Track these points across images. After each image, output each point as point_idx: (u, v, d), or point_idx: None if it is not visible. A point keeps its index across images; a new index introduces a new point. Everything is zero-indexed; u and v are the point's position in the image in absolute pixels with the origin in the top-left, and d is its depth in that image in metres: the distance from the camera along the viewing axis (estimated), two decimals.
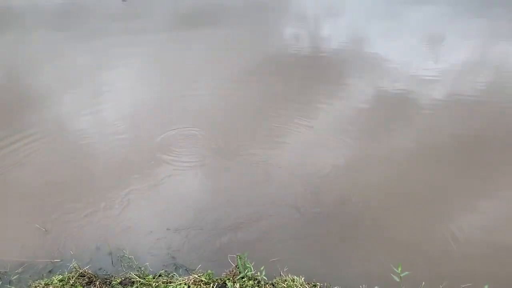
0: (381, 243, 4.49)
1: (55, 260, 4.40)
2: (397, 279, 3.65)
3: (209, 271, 3.99)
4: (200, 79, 8.11)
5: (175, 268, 4.29)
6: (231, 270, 4.01)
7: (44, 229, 4.77)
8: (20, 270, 4.31)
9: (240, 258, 3.99)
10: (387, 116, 6.72)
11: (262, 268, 3.88)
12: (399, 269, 3.68)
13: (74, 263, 4.19)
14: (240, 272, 3.92)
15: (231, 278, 3.92)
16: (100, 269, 4.31)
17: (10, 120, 7.12)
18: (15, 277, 4.23)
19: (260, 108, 7.08)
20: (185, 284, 3.87)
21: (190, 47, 9.77)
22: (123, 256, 4.41)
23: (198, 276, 3.96)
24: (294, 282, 3.93)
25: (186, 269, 4.27)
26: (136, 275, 4.07)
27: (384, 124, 6.52)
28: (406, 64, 8.24)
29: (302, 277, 3.95)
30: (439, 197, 5.06)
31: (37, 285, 4.01)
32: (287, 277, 3.99)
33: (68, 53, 9.90)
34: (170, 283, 3.93)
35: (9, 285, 4.12)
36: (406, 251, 4.40)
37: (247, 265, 3.93)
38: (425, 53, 8.83)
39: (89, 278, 4.10)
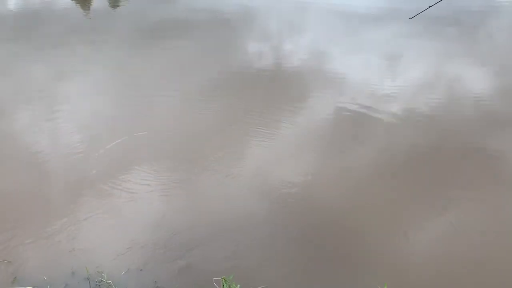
0: (344, 256, 4.61)
1: (28, 287, 4.16)
2: None
3: None
4: (160, 94, 7.99)
5: None
6: None
7: (6, 261, 4.47)
8: None
9: (225, 281, 3.95)
10: (346, 131, 6.93)
11: None
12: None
13: None
14: None
15: None
16: None
17: None
18: None
19: (222, 123, 7.07)
20: None
21: (151, 61, 9.63)
22: (101, 281, 4.24)
23: None
24: None
25: None
26: None
27: (343, 139, 6.72)
28: (365, 81, 8.53)
29: None
30: (395, 208, 5.26)
31: None
32: None
33: (24, 65, 9.43)
34: None
35: None
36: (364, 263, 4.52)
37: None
38: (383, 71, 9.17)
39: None
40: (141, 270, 4.39)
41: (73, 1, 14.64)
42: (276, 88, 8.48)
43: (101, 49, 10.16)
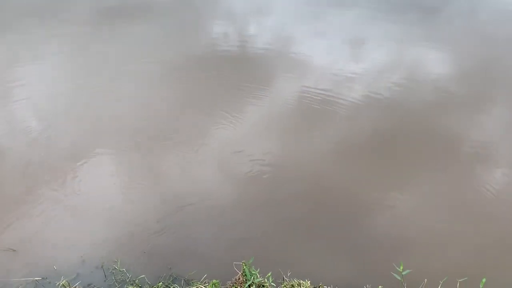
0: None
1: (37, 278, 4.00)
2: (399, 278, 3.83)
3: (215, 281, 3.86)
4: (121, 76, 7.78)
5: (172, 279, 4.10)
6: (237, 278, 3.92)
7: (12, 249, 4.29)
8: None
9: (245, 265, 3.92)
10: (310, 114, 6.97)
11: (269, 274, 3.84)
12: (401, 267, 3.86)
13: (63, 281, 3.84)
14: (247, 280, 3.85)
15: (238, 287, 3.84)
16: (89, 285, 3.99)
17: None
18: None
19: (185, 105, 6.99)
20: None
21: (112, 42, 9.30)
22: (114, 268, 4.12)
23: (204, 286, 3.83)
24: (300, 286, 3.96)
25: (184, 280, 4.10)
26: None
27: (308, 121, 6.77)
28: (329, 64, 8.58)
29: (308, 280, 3.99)
30: (359, 188, 5.37)
31: None
32: (293, 281, 4.00)
33: None
34: None
35: None
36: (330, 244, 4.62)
37: (253, 272, 3.88)
38: (347, 54, 9.23)
39: None
40: (154, 256, 4.30)
41: None
42: (240, 70, 8.45)
43: (60, 33, 9.72)
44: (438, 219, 4.97)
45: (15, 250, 4.27)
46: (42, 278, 4.00)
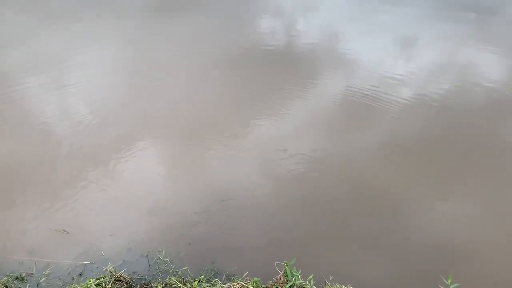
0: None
1: (85, 262, 4.16)
2: None
3: (256, 279, 3.86)
4: (171, 68, 7.93)
5: (214, 273, 4.14)
6: (278, 278, 3.90)
7: (64, 231, 4.48)
8: (47, 272, 4.05)
9: (287, 265, 3.89)
10: (355, 114, 6.82)
11: (311, 277, 3.80)
12: (449, 280, 3.70)
13: (110, 267, 3.97)
14: (288, 281, 3.82)
15: (279, 287, 3.82)
16: (134, 272, 4.10)
17: None
18: (42, 279, 3.97)
19: (231, 99, 7.02)
20: None
21: (164, 35, 9.49)
22: (159, 258, 4.22)
23: (245, 283, 3.85)
24: None
25: (226, 275, 4.14)
26: (177, 280, 3.91)
27: (355, 120, 6.63)
28: (377, 63, 8.33)
29: (351, 286, 3.92)
30: (406, 192, 5.19)
31: None
32: (335, 286, 3.94)
33: (37, 37, 9.35)
34: None
35: None
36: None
37: (294, 273, 3.84)
38: (396, 54, 8.92)
39: (127, 283, 3.90)
40: (197, 249, 4.36)
41: None
42: (287, 65, 8.36)
43: (117, 24, 10.02)
44: (490, 229, 4.74)
45: (68, 233, 4.46)
46: (91, 263, 4.16)
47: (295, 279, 3.80)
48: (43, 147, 5.75)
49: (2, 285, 3.80)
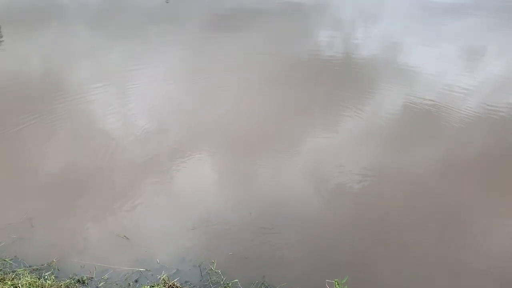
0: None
1: (141, 269, 4.30)
2: None
3: None
4: (227, 80, 8.07)
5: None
6: None
7: (125, 237, 4.67)
8: (106, 276, 4.24)
9: (338, 284, 3.79)
10: (415, 127, 6.54)
11: None
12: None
13: (163, 275, 4.08)
14: None
15: None
16: (186, 282, 4.18)
17: (39, 107, 7.09)
18: (101, 283, 4.16)
19: (286, 111, 6.99)
20: None
21: (222, 48, 9.69)
22: (211, 269, 4.27)
23: None
24: None
25: None
26: None
27: (412, 135, 6.37)
28: (440, 75, 7.93)
29: None
30: (466, 216, 4.87)
31: None
32: None
33: (102, 50, 9.90)
34: None
35: None
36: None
37: None
38: (460, 65, 8.45)
39: None
40: (249, 263, 4.37)
41: None
42: (345, 77, 8.25)
43: (176, 39, 10.40)
44: None
45: (128, 238, 4.64)
46: (146, 270, 4.29)
47: None
48: (105, 154, 6.03)
49: (65, 287, 4.02)
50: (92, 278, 4.23)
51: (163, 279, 4.05)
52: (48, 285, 3.97)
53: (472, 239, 4.63)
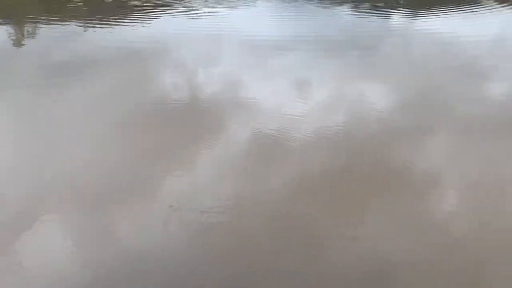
0: None
1: None
2: None
3: None
4: (68, 137, 7.58)
5: None
6: None
7: None
8: None
9: None
10: (262, 155, 7.02)
11: None
12: None
13: None
14: None
15: None
16: None
17: None
18: None
19: (134, 159, 6.92)
20: None
21: (58, 103, 9.17)
22: None
23: None
24: None
25: None
26: None
27: (260, 163, 6.72)
28: (277, 105, 8.76)
29: None
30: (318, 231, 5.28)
31: None
32: None
33: None
34: None
35: None
36: None
37: None
38: (293, 94, 9.50)
39: None
40: None
41: None
42: (190, 119, 8.39)
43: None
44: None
45: None
46: None
47: None
48: None
49: None
50: None
51: None
52: None
53: (323, 252, 4.96)
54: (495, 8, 18.38)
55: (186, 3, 17.11)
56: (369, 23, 16.32)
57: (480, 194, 5.92)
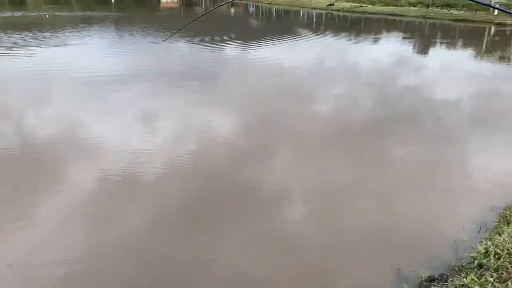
0: None
1: None
2: None
3: None
4: None
5: None
6: None
7: None
8: None
9: None
10: (113, 194, 6.77)
11: None
12: None
13: None
14: None
15: None
16: None
17: None
18: None
19: None
20: None
21: None
22: None
23: None
24: None
25: None
26: None
27: (114, 205, 6.38)
28: (125, 142, 8.59)
29: None
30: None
31: None
32: None
33: None
34: None
35: None
36: None
37: None
38: (140, 128, 9.44)
39: None
40: None
41: None
42: (26, 170, 7.66)
43: None
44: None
45: None
46: None
47: None
48: None
49: None
50: None
51: None
52: None
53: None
54: (310, 37, 21.15)
55: (3, 44, 15.65)
56: (206, 54, 17.23)
57: (321, 200, 6.57)
